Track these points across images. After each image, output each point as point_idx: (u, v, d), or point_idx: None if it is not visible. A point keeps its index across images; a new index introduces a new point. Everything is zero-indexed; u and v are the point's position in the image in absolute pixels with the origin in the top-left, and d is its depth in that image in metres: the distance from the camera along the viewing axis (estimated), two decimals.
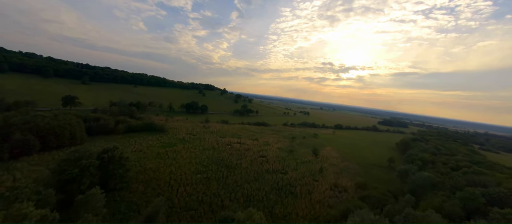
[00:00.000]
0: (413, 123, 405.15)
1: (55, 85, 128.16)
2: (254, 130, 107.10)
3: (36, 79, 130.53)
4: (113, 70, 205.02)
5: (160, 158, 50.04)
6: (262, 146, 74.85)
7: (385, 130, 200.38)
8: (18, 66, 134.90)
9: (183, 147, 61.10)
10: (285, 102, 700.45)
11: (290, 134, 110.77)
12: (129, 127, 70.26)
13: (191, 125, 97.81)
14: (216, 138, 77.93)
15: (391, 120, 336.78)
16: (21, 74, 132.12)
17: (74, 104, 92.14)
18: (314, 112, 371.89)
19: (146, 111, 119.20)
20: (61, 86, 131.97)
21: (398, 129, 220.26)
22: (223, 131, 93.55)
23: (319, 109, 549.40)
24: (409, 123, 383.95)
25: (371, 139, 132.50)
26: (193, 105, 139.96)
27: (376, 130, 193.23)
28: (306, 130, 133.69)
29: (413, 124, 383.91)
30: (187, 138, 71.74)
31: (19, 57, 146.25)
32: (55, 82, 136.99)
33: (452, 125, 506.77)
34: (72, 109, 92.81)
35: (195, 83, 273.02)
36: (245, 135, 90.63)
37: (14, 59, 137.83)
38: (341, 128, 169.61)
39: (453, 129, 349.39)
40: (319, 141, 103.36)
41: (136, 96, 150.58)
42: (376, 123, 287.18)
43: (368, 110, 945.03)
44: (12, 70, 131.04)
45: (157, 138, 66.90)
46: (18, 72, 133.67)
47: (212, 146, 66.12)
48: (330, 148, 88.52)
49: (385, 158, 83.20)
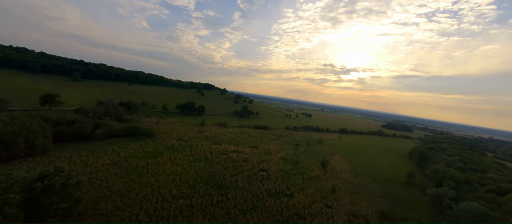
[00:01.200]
0: (416, 127, 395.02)
1: (41, 82, 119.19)
2: (254, 135, 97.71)
3: (22, 75, 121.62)
4: (108, 67, 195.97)
5: (137, 174, 40.71)
6: (263, 156, 65.46)
7: (391, 135, 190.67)
8: (3, 61, 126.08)
9: (170, 157, 51.75)
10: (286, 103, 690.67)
11: (293, 139, 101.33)
12: (110, 131, 60.97)
13: (185, 128, 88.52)
14: (210, 145, 68.57)
15: (395, 124, 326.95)
16: (5, 69, 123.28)
17: (54, 103, 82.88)
18: (316, 113, 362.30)
19: (138, 112, 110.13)
20: (48, 82, 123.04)
21: (404, 134, 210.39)
22: (219, 136, 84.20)
23: (320, 110, 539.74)
24: (412, 126, 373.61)
25: (379, 146, 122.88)
26: (189, 105, 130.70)
27: (382, 135, 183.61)
28: (310, 135, 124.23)
29: (417, 128, 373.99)
30: (176, 146, 62.39)
31: (5, 51, 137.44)
32: (42, 78, 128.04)
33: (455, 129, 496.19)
34: (52, 108, 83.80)
35: (194, 82, 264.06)
36: (244, 141, 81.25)
37: None
38: (346, 132, 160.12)
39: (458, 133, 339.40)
40: (325, 148, 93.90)
41: (130, 95, 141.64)
42: (380, 127, 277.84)
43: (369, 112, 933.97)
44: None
45: (141, 146, 57.60)
46: (3, 67, 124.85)
47: (205, 156, 56.75)
48: (339, 157, 79.03)
49: (401, 171, 73.82)
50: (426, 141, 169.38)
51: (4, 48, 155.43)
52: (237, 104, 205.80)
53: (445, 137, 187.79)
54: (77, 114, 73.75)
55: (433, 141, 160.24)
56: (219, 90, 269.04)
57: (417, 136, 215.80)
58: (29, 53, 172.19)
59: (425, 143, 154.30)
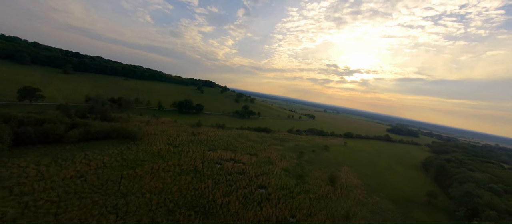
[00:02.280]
0: (422, 132, 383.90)
1: (28, 74, 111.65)
2: (254, 139, 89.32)
3: (7, 66, 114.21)
4: (104, 60, 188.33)
5: (103, 192, 32.60)
6: (263, 166, 57.09)
7: (398, 141, 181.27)
8: None
9: (151, 168, 43.57)
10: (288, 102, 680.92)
11: (296, 145, 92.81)
12: (88, 133, 52.94)
13: (178, 129, 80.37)
14: (203, 151, 60.33)
15: (400, 128, 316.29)
16: None
17: (34, 97, 75.10)
18: (319, 115, 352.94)
19: (130, 109, 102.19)
20: (36, 74, 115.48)
21: (411, 140, 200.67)
22: (215, 139, 75.94)
23: (323, 111, 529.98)
24: (417, 131, 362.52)
25: (389, 154, 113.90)
26: (186, 103, 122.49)
27: (389, 140, 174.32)
28: (315, 139, 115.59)
29: (422, 133, 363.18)
30: (163, 152, 54.21)
31: None
32: (30, 70, 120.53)
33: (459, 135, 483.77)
34: (32, 103, 76.06)
35: (194, 78, 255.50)
36: (243, 147, 72.91)
37: None
38: (351, 137, 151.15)
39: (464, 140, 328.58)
40: (332, 156, 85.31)
41: (124, 91, 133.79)
42: (386, 131, 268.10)
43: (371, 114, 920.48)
44: None
45: (121, 152, 49.50)
46: None
47: (194, 167, 48.52)
48: (348, 169, 70.43)
49: (419, 187, 65.24)
50: (436, 149, 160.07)
51: None
52: (238, 103, 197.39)
53: (455, 145, 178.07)
54: (55, 112, 66.00)
55: (444, 150, 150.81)
56: (220, 88, 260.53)
57: (424, 142, 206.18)
58: (21, 42, 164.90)
59: (437, 152, 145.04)
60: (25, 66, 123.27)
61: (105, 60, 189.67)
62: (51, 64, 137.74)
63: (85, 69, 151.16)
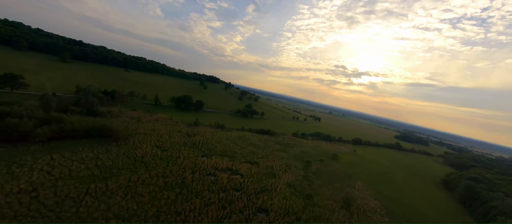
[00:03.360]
0: (431, 140, 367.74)
1: (21, 59, 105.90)
2: (256, 143, 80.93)
3: (2, 51, 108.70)
4: (106, 50, 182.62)
5: (53, 217, 24.79)
6: (264, 179, 48.71)
7: (409, 149, 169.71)
8: None
9: (129, 180, 35.74)
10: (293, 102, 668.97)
11: (302, 151, 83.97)
12: (62, 130, 45.53)
13: (172, 129, 72.66)
14: (196, 157, 52.31)
15: (409, 135, 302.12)
16: None
17: (16, 85, 68.47)
18: (324, 117, 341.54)
19: (124, 102, 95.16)
20: (30, 61, 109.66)
21: (423, 149, 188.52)
22: (212, 142, 67.88)
23: (328, 113, 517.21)
24: (427, 139, 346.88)
25: (404, 166, 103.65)
26: (185, 99, 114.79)
27: (400, 149, 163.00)
28: (321, 145, 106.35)
29: (432, 141, 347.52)
30: (149, 157, 46.38)
31: None
32: (26, 56, 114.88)
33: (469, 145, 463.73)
34: (14, 92, 69.54)
35: (198, 73, 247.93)
36: (242, 153, 64.60)
37: None
38: (360, 144, 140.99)
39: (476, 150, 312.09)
40: (342, 167, 76.17)
41: (122, 82, 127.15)
42: (394, 138, 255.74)
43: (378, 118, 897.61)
44: None
45: (97, 155, 41.89)
46: None
47: (182, 179, 40.48)
48: (362, 186, 61.30)
49: (446, 211, 55.83)
50: (452, 162, 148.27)
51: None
52: (242, 101, 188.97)
53: (472, 158, 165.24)
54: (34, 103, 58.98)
55: (461, 164, 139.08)
56: (223, 84, 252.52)
57: (436, 152, 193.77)
58: (24, 28, 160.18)
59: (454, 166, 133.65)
60: (21, 51, 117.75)
61: (107, 50, 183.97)
62: (50, 51, 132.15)
63: (85, 58, 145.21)
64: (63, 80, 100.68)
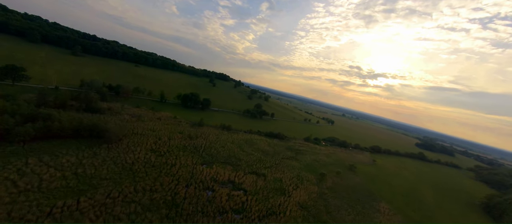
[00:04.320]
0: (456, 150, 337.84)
1: (32, 52, 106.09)
2: (264, 148, 73.29)
3: (14, 42, 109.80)
4: (118, 45, 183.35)
5: None
6: (271, 197, 41.10)
7: (434, 161, 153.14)
8: (1, 26, 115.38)
9: (108, 196, 29.69)
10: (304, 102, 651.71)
11: (315, 160, 75.12)
12: (48, 129, 40.83)
13: (173, 129, 66.99)
14: (195, 166, 45.78)
15: (432, 144, 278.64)
16: (1, 35, 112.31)
17: (17, 77, 66.08)
18: (338, 120, 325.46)
19: (128, 98, 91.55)
20: (41, 53, 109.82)
21: (450, 161, 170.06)
22: (216, 146, 61.24)
23: (341, 115, 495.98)
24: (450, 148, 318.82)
25: (431, 181, 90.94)
26: (191, 97, 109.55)
27: (424, 159, 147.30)
28: (336, 153, 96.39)
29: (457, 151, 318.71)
30: (140, 165, 40.42)
31: (7, 16, 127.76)
32: (38, 48, 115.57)
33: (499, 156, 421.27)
34: (15, 84, 67.26)
35: (208, 70, 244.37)
36: (248, 160, 57.31)
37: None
38: (379, 152, 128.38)
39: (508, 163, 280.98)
40: (361, 181, 66.49)
41: (130, 78, 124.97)
42: (414, 145, 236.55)
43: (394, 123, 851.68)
44: None
45: (81, 161, 36.52)
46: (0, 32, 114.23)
47: (173, 195, 33.92)
48: (387, 207, 51.66)
49: None
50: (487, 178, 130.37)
51: (15, 14, 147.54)
52: (251, 101, 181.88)
53: (509, 174, 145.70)
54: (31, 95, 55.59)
55: (499, 181, 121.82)
56: (233, 82, 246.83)
57: (464, 164, 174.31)
58: (42, 22, 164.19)
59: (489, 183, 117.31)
60: (34, 44, 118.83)
61: (119, 45, 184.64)
62: (62, 44, 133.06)
63: (96, 52, 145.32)
64: (71, 73, 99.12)
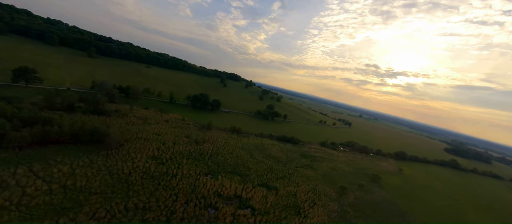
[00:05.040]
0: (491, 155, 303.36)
1: (50, 55, 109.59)
2: (276, 154, 67.05)
3: (34, 45, 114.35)
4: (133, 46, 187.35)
5: None
6: (283, 217, 34.97)
7: (470, 170, 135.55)
8: (22, 30, 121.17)
9: (92, 216, 25.54)
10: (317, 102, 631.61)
11: (333, 169, 67.31)
12: (46, 135, 38.33)
13: (180, 133, 63.21)
14: (198, 176, 40.98)
15: (463, 148, 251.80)
16: (22, 38, 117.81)
17: (30, 79, 66.43)
18: (355, 121, 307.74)
19: (138, 99, 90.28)
20: (59, 55, 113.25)
21: (489, 170, 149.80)
22: (223, 153, 56.26)
23: (358, 116, 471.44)
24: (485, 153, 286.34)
25: (473, 197, 78.22)
26: (201, 98, 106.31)
27: (457, 168, 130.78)
28: (357, 160, 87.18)
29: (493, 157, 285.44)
30: (136, 175, 36.41)
31: (29, 20, 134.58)
32: (56, 51, 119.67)
33: None
34: (28, 86, 67.79)
35: (219, 70, 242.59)
36: (258, 169, 51.58)
37: (20, 21, 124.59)
38: (404, 159, 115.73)
39: None
40: (388, 196, 57.66)
41: (141, 78, 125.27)
42: (444, 151, 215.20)
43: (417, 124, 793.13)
44: (13, 32, 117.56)
45: (74, 170, 33.23)
46: (20, 35, 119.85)
47: (168, 215, 29.13)
48: None
49: None
50: None
51: (37, 18, 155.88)
52: (263, 101, 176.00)
53: None
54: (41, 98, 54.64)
55: None
56: (244, 82, 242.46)
57: (504, 173, 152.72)
58: (62, 26, 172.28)
59: None
60: (53, 47, 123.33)
61: (132, 46, 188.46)
62: (79, 46, 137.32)
63: (110, 54, 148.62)
64: (85, 74, 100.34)
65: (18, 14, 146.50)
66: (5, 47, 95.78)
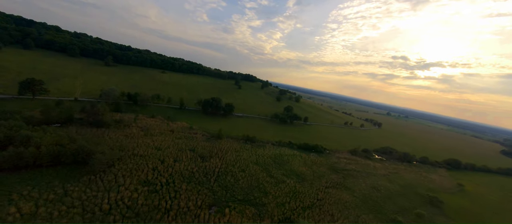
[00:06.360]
0: None
1: (69, 66, 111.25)
2: (298, 169, 54.87)
3: (56, 57, 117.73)
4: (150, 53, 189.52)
5: None
6: None
7: None
8: (47, 43, 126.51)
9: None
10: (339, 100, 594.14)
11: (374, 188, 52.82)
12: (20, 157, 31.80)
13: (184, 145, 54.65)
14: (198, 210, 31.09)
15: None
16: (45, 51, 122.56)
17: (36, 91, 63.81)
18: (384, 120, 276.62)
19: (146, 106, 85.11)
20: (77, 66, 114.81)
21: None
22: (233, 171, 46.02)
23: (385, 114, 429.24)
24: None
25: None
26: (212, 103, 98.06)
27: None
28: (400, 172, 70.50)
29: None
30: (117, 214, 27.66)
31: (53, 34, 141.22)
32: (76, 61, 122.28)
33: None
34: (35, 98, 65.33)
35: (233, 72, 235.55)
36: (277, 195, 40.20)
37: (46, 36, 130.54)
38: (458, 168, 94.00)
39: None
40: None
41: (155, 84, 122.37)
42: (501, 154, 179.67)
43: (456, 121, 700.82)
44: (39, 47, 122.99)
45: (36, 210, 25.57)
46: (45, 49, 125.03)
47: None
48: None
49: None
50: None
51: (65, 33, 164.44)
52: (280, 103, 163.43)
53: None
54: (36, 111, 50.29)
55: None
56: (260, 82, 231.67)
57: None
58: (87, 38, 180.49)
59: None
60: (73, 58, 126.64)
61: (149, 53, 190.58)
62: (97, 56, 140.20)
63: (126, 62, 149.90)
64: (99, 83, 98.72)
65: (46, 30, 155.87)
66: (26, 61, 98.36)
